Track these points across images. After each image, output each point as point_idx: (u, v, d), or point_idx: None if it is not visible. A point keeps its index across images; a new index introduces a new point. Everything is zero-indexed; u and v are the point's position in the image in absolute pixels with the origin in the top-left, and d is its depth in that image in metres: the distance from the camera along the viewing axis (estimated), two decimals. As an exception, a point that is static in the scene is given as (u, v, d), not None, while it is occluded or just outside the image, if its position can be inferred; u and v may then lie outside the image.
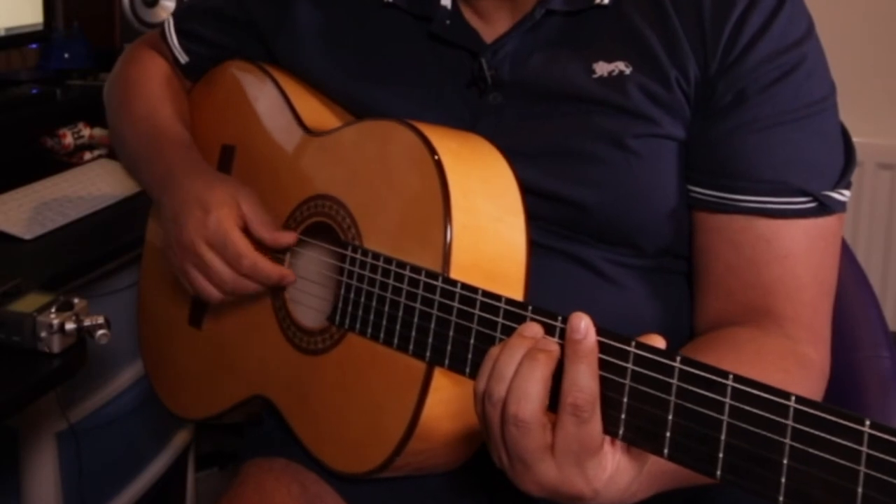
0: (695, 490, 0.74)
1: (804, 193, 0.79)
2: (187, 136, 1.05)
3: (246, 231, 0.91)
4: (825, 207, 0.80)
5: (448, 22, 0.89)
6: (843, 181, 0.81)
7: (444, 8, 0.90)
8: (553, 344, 0.63)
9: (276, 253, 0.93)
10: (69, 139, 1.59)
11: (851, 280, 0.99)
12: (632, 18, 0.83)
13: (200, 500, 1.72)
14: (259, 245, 0.91)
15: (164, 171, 0.98)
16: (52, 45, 1.78)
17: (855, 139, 0.84)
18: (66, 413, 1.27)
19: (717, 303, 0.84)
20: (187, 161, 0.99)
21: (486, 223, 0.79)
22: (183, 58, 1.12)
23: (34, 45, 1.82)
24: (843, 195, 0.81)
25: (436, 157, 0.79)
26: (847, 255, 1.00)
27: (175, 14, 1.16)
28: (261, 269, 0.89)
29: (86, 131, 1.62)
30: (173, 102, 1.10)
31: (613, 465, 0.61)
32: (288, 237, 0.91)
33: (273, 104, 1.01)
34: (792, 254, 0.80)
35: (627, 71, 0.83)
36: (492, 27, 0.89)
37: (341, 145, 0.91)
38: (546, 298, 0.68)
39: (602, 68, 0.84)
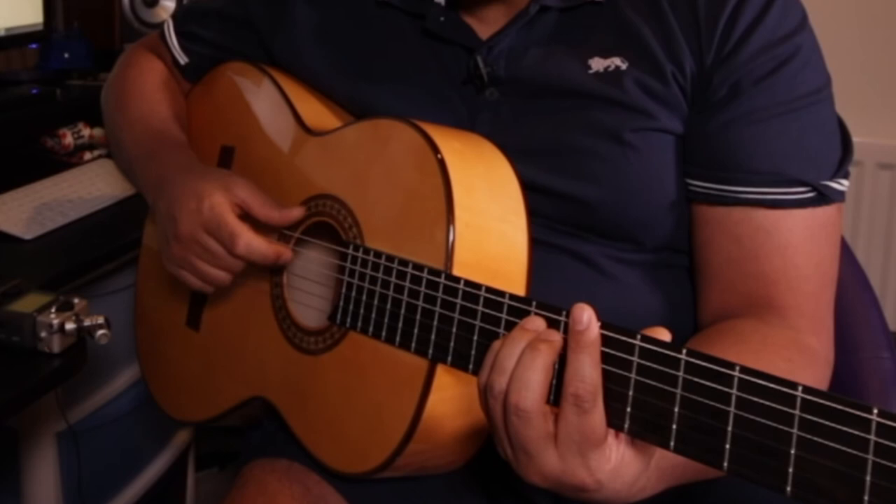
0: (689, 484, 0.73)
1: (802, 183, 0.80)
2: (183, 138, 1.04)
3: (246, 217, 0.90)
4: (824, 197, 0.80)
5: (442, 19, 0.89)
6: (840, 171, 0.81)
7: (438, 5, 0.90)
8: (555, 335, 0.63)
9: (285, 233, 0.92)
10: (69, 139, 1.58)
11: (852, 281, 0.99)
12: (626, 14, 0.84)
13: (200, 500, 1.72)
14: (263, 230, 0.91)
15: (158, 173, 0.98)
16: (52, 45, 1.78)
17: (855, 139, 0.84)
18: (65, 413, 1.27)
19: (720, 295, 0.84)
20: (182, 161, 0.99)
21: (488, 222, 0.79)
22: (182, 59, 1.12)
23: (34, 45, 1.82)
24: (841, 185, 0.81)
25: (439, 156, 0.79)
26: (847, 256, 1.00)
27: (174, 16, 1.16)
28: (255, 247, 0.88)
29: (86, 131, 1.62)
30: (170, 105, 1.09)
31: (618, 457, 0.61)
32: (295, 212, 0.91)
33: (273, 104, 1.01)
34: (792, 244, 0.80)
35: (623, 66, 0.83)
36: (486, 24, 0.89)
37: (343, 144, 0.91)
38: (547, 295, 0.68)
39: (598, 63, 0.84)
